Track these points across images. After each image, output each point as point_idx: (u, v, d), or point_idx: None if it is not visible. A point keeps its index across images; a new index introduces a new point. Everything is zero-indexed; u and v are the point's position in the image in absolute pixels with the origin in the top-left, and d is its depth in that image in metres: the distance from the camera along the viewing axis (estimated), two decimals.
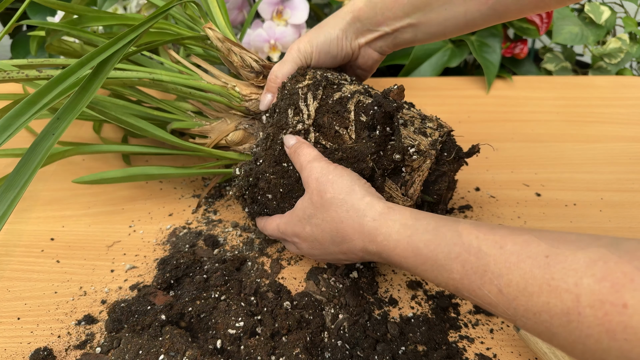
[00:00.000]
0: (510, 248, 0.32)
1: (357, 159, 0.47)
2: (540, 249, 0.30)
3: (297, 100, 0.49)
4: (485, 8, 0.47)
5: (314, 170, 0.45)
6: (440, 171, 0.50)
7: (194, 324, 0.49)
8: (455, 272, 0.34)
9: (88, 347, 0.48)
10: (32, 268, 0.57)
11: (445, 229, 0.36)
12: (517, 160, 0.75)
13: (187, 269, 0.54)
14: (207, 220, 0.64)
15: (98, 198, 0.68)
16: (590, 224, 0.63)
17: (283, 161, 0.50)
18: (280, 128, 0.50)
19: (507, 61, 1.04)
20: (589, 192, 0.69)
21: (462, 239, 0.34)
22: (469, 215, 0.65)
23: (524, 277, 0.30)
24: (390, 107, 0.45)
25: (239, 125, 0.57)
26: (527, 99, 0.91)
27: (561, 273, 0.29)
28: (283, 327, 0.48)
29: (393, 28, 0.51)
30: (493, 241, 0.33)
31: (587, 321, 0.27)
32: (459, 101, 0.91)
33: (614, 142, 0.79)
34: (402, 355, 0.47)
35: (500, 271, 0.31)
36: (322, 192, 0.44)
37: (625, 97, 0.91)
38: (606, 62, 1.04)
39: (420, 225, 0.37)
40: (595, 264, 0.27)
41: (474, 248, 0.33)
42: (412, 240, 0.37)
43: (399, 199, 0.48)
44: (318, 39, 0.51)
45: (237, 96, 0.56)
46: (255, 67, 0.56)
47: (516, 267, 0.31)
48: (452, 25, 0.49)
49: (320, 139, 0.49)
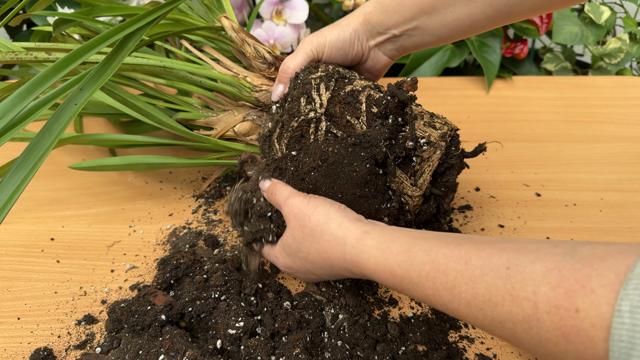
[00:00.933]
0: (474, 263, 0.33)
1: (370, 144, 0.47)
2: (501, 262, 0.32)
3: (310, 90, 0.50)
4: (489, 10, 0.48)
5: (292, 207, 0.47)
6: (449, 163, 0.51)
7: (194, 324, 0.49)
8: (428, 289, 0.36)
9: (88, 347, 0.48)
10: (32, 268, 0.57)
11: (416, 249, 0.38)
12: (517, 160, 0.75)
13: (187, 269, 0.54)
14: (207, 220, 0.64)
15: (98, 198, 0.68)
16: (590, 224, 0.63)
17: (293, 149, 0.51)
18: (292, 115, 0.50)
19: (507, 61, 1.04)
20: (589, 192, 0.69)
21: (431, 257, 0.36)
22: (469, 216, 0.65)
23: (488, 289, 0.32)
24: (404, 96, 0.46)
25: (247, 116, 0.57)
26: (527, 99, 0.91)
27: (521, 283, 0.30)
28: (283, 327, 0.48)
29: (401, 30, 0.52)
30: (459, 257, 0.35)
31: (546, 326, 0.29)
32: (459, 101, 0.91)
33: (614, 142, 0.79)
34: (402, 356, 0.47)
35: (467, 285, 0.33)
36: (302, 227, 0.46)
37: (625, 97, 0.91)
38: (606, 62, 1.04)
39: (394, 247, 0.39)
40: (550, 272, 0.29)
41: (442, 265, 0.35)
42: (388, 263, 0.39)
43: (408, 188, 0.49)
44: (332, 34, 0.52)
45: (247, 86, 0.56)
46: (269, 58, 0.57)
47: (481, 280, 0.32)
48: (458, 27, 0.50)
49: (331, 128, 0.49)
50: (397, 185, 0.48)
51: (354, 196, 0.48)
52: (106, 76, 0.38)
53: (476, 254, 0.34)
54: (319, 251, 0.45)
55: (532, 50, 1.12)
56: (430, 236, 0.39)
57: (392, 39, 0.53)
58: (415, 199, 0.49)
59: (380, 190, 0.48)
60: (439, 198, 0.53)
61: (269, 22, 0.85)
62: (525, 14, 0.48)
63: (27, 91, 0.37)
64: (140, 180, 0.71)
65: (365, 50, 0.54)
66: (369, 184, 0.47)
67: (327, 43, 0.52)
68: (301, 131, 0.50)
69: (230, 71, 0.57)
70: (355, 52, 0.54)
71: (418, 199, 0.49)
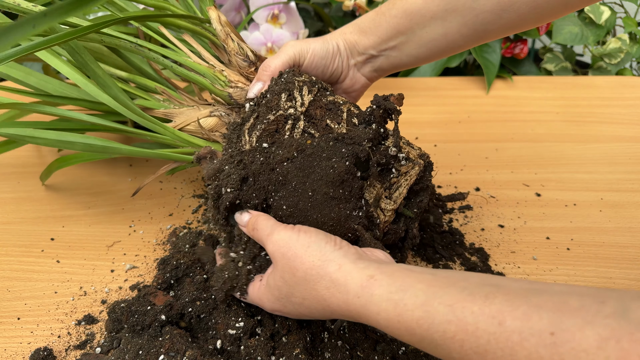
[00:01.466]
0: (510, 324, 0.29)
1: (354, 142, 0.45)
2: (543, 324, 0.28)
3: (292, 89, 0.49)
4: (465, 29, 0.49)
5: (278, 245, 0.42)
6: (425, 184, 0.50)
7: (194, 324, 0.49)
8: (454, 352, 0.31)
9: (88, 347, 0.48)
10: (32, 268, 0.57)
11: (436, 303, 0.32)
12: (517, 160, 0.75)
13: (187, 269, 0.54)
14: (208, 220, 0.64)
15: (98, 198, 0.68)
16: (590, 224, 0.63)
17: (265, 142, 0.47)
18: (270, 108, 0.48)
19: (507, 61, 1.04)
20: (589, 192, 0.69)
21: (457, 314, 0.31)
22: (469, 216, 0.65)
23: (530, 357, 0.28)
24: (391, 105, 0.45)
25: (214, 112, 0.54)
26: (527, 99, 0.91)
27: (571, 355, 0.26)
28: (283, 327, 0.48)
29: (378, 50, 0.53)
30: (490, 316, 0.30)
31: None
32: (459, 101, 0.91)
33: (614, 142, 0.79)
34: (402, 356, 0.47)
35: (503, 352, 0.29)
36: (293, 270, 0.40)
37: (625, 97, 0.91)
38: (606, 62, 1.04)
39: (409, 299, 0.34)
40: (606, 343, 0.25)
41: (470, 326, 0.30)
42: (403, 319, 0.34)
43: (382, 200, 0.47)
44: (316, 43, 0.53)
45: (222, 79, 0.54)
46: (251, 56, 0.55)
47: (520, 346, 0.28)
48: (435, 47, 0.51)
49: (309, 128, 0.47)
50: (371, 194, 0.46)
51: (326, 196, 0.44)
52: (73, 13, 0.35)
53: (511, 314, 0.29)
54: (317, 298, 0.39)
55: (532, 50, 1.12)
56: (448, 282, 0.34)
57: (370, 60, 0.54)
58: (388, 212, 0.47)
59: (354, 195, 0.45)
60: (409, 222, 0.51)
61: (266, 25, 0.86)
62: (501, 33, 0.49)
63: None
64: (141, 180, 0.71)
65: (345, 69, 0.55)
66: (345, 184, 0.44)
67: (311, 50, 0.52)
68: (277, 126, 0.47)
69: (207, 63, 0.56)
70: (335, 67, 0.54)
71: (391, 213, 0.48)
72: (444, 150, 0.77)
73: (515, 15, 0.47)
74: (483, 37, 0.50)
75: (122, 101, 0.52)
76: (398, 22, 0.51)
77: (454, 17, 0.48)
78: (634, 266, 0.58)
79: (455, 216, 0.65)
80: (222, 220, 0.49)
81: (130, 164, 0.74)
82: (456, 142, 0.80)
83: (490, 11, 0.47)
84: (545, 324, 0.28)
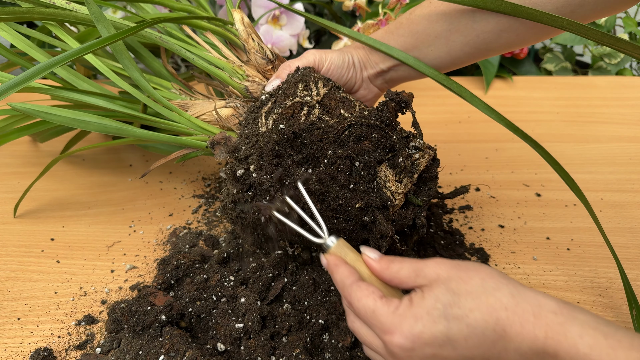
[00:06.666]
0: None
1: (373, 126, 0.47)
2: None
3: (309, 81, 0.51)
4: (468, 48, 0.52)
5: (437, 270, 0.36)
6: (433, 173, 0.51)
7: (194, 325, 0.49)
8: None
9: (88, 348, 0.48)
10: (32, 268, 0.57)
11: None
12: (517, 160, 0.75)
13: (187, 270, 0.54)
14: (208, 221, 0.64)
15: (98, 198, 0.68)
16: (590, 224, 0.63)
17: (281, 124, 0.48)
18: (288, 95, 0.51)
19: (507, 61, 1.04)
20: (589, 192, 0.69)
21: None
22: (469, 216, 0.65)
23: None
24: (404, 98, 0.47)
25: (230, 102, 0.56)
26: (527, 99, 0.91)
27: None
28: (283, 327, 0.48)
29: (388, 66, 0.56)
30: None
31: None
32: (459, 101, 0.90)
33: (614, 142, 0.79)
34: None
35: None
36: (465, 279, 0.34)
37: (625, 97, 0.91)
38: (606, 62, 1.04)
39: (624, 338, 0.29)
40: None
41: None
42: (616, 354, 0.29)
43: (392, 183, 0.48)
44: (333, 54, 0.55)
45: (240, 73, 0.56)
46: (269, 55, 0.58)
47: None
48: (440, 63, 0.54)
49: (323, 115, 0.49)
50: (385, 178, 0.47)
51: (340, 177, 0.45)
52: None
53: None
54: (495, 307, 0.33)
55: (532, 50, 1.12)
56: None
57: (381, 73, 0.57)
58: (398, 196, 0.48)
59: (367, 177, 0.46)
60: (417, 210, 0.51)
61: (266, 27, 0.86)
62: (503, 50, 0.52)
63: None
64: (140, 180, 0.71)
65: (359, 80, 0.57)
66: (359, 166, 0.46)
67: (329, 59, 0.55)
68: (293, 111, 0.50)
69: (227, 59, 0.58)
70: (350, 77, 0.56)
71: (401, 196, 0.49)
72: (444, 150, 0.77)
73: (514, 35, 0.49)
74: (485, 54, 0.52)
75: (142, 84, 0.52)
76: (405, 41, 0.54)
77: (456, 37, 0.51)
78: (634, 266, 0.58)
79: (456, 216, 0.65)
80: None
81: (130, 164, 0.74)
82: (456, 142, 0.80)
83: (490, 31, 0.50)
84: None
